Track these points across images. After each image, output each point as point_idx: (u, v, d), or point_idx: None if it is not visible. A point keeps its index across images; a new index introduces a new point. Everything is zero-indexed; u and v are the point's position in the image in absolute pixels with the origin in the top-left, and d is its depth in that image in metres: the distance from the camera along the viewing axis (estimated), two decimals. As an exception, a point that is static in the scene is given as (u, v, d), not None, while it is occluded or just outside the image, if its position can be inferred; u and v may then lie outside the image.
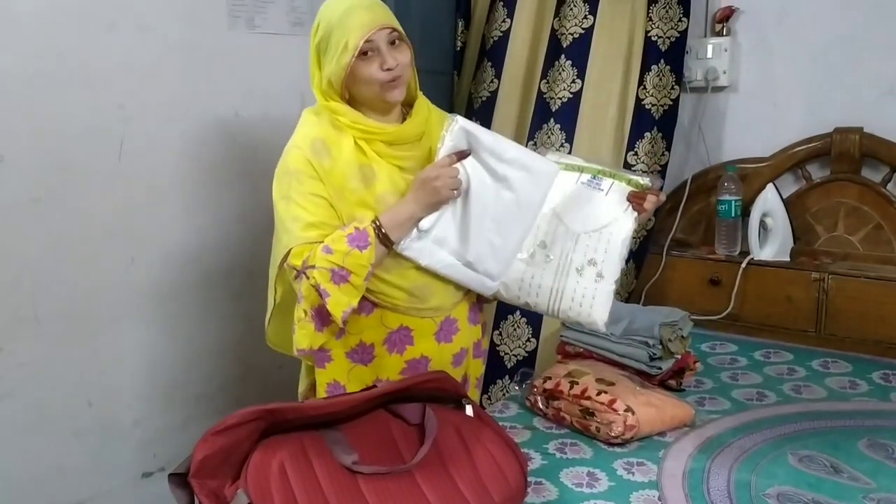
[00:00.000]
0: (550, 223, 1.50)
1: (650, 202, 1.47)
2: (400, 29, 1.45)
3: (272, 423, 1.18)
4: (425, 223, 1.43)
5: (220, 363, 2.13)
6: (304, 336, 1.44)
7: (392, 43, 1.43)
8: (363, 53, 1.40)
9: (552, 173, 1.49)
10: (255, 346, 1.59)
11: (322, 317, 1.42)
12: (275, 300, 1.53)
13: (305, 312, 1.42)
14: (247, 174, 2.11)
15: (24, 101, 1.67)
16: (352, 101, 1.47)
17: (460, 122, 1.45)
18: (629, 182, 1.49)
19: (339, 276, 1.37)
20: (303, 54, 2.20)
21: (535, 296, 1.51)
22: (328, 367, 1.53)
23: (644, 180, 1.50)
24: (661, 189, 1.55)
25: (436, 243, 1.46)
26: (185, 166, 1.99)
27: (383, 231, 1.40)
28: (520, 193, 1.46)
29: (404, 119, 1.52)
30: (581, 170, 1.52)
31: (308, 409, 1.23)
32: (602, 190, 1.49)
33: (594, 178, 1.50)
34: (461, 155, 1.44)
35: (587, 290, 1.47)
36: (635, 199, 1.47)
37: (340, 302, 1.39)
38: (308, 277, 1.39)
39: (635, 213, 1.47)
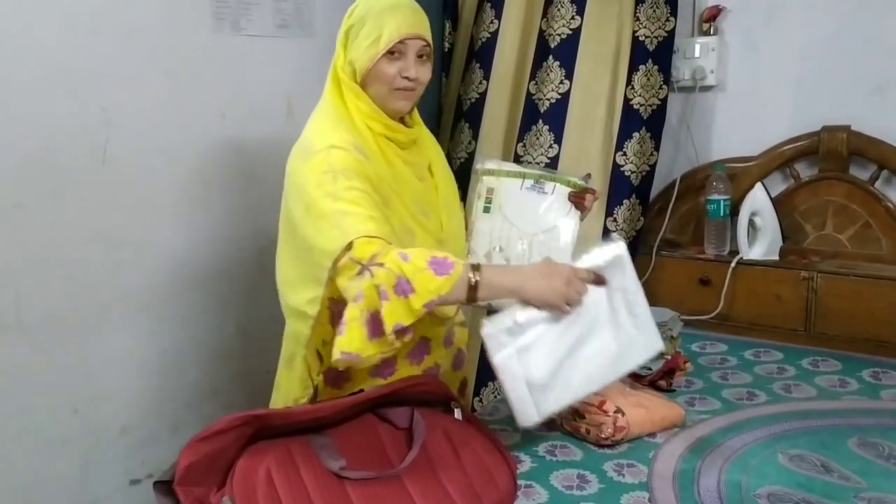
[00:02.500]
0: (503, 227, 1.54)
1: (589, 201, 1.59)
2: (432, 45, 1.44)
3: (258, 428, 1.17)
4: (522, 317, 1.28)
5: (208, 368, 2.11)
6: (353, 340, 1.21)
7: (420, 56, 1.42)
8: (390, 52, 1.38)
9: (654, 348, 1.43)
10: (243, 351, 1.58)
11: (376, 325, 1.22)
12: (319, 305, 1.34)
13: (361, 313, 1.22)
14: (234, 177, 2.10)
15: (6, 106, 1.65)
16: None
17: (621, 249, 1.35)
18: (568, 183, 1.59)
19: (402, 288, 1.20)
20: (289, 56, 2.21)
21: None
22: (345, 387, 1.45)
23: (580, 181, 1.60)
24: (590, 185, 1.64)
25: (517, 350, 1.30)
26: (170, 170, 1.97)
27: (476, 279, 1.24)
28: (622, 351, 1.37)
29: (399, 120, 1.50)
30: (523, 176, 1.58)
31: (295, 414, 1.22)
32: (547, 193, 1.57)
33: (537, 182, 1.58)
34: (599, 280, 1.33)
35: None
36: (576, 199, 1.57)
37: (396, 312, 1.20)
38: (372, 275, 1.21)
39: (578, 213, 1.57)
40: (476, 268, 1.25)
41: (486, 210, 1.57)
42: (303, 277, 1.38)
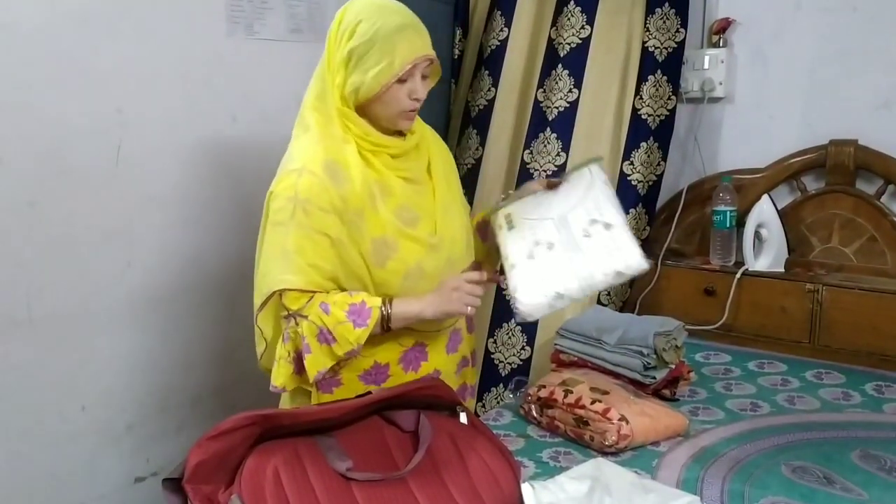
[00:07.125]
0: (535, 227, 1.46)
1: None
2: (437, 61, 1.43)
3: (267, 428, 1.18)
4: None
5: (215, 367, 2.12)
6: (282, 374, 1.43)
7: (424, 76, 1.41)
8: (401, 77, 1.37)
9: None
10: (250, 351, 1.58)
11: (302, 363, 1.40)
12: (265, 339, 1.50)
13: (288, 353, 1.42)
14: (244, 179, 2.11)
15: (22, 105, 1.67)
16: (359, 111, 1.42)
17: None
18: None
19: (325, 337, 1.36)
20: (302, 61, 2.21)
21: (563, 285, 1.39)
22: (336, 391, 1.47)
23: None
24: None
25: None
26: (182, 171, 1.99)
27: (389, 323, 1.38)
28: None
29: (394, 132, 1.48)
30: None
31: (302, 415, 1.23)
32: (568, 182, 1.51)
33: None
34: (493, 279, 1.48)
35: (608, 243, 1.40)
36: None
37: (318, 362, 1.38)
38: (297, 323, 1.38)
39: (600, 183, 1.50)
40: (386, 304, 1.38)
41: (510, 228, 1.49)
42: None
